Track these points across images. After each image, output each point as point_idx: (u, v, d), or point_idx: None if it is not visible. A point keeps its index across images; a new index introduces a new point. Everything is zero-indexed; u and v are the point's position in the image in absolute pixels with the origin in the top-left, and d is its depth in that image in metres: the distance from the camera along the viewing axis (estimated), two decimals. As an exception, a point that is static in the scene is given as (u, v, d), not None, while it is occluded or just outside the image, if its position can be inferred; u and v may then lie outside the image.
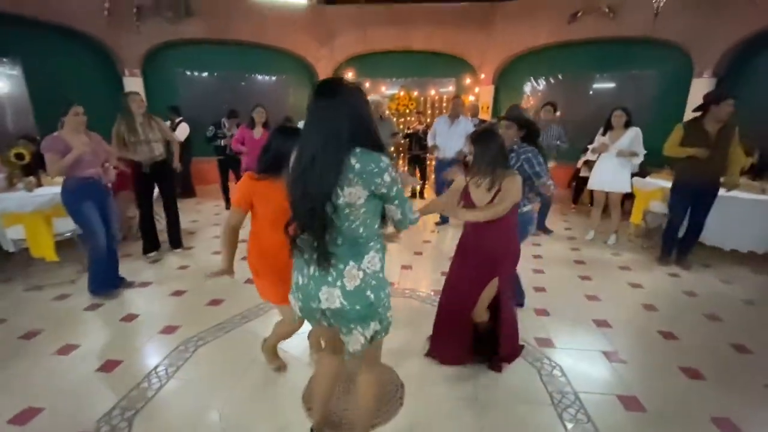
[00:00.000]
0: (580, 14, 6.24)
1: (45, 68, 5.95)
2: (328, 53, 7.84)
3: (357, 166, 1.14)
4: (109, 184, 3.03)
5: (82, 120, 2.74)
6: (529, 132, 2.49)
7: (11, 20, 5.48)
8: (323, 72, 7.90)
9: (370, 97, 4.30)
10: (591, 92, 6.94)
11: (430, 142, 4.89)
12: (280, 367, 2.18)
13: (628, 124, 3.99)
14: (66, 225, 3.29)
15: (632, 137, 3.94)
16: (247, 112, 4.73)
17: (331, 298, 1.25)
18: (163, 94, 7.07)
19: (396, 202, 1.26)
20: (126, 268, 3.47)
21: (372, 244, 1.27)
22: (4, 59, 5.70)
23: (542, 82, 7.42)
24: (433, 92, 7.81)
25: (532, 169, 2.37)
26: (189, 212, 5.67)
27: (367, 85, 7.88)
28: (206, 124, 5.98)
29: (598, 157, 4.25)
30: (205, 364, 2.26)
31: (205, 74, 7.59)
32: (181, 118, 6.29)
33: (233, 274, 1.87)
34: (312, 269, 1.26)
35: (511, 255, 2.10)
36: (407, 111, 7.66)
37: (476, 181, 2.00)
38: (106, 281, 3.00)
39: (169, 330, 2.61)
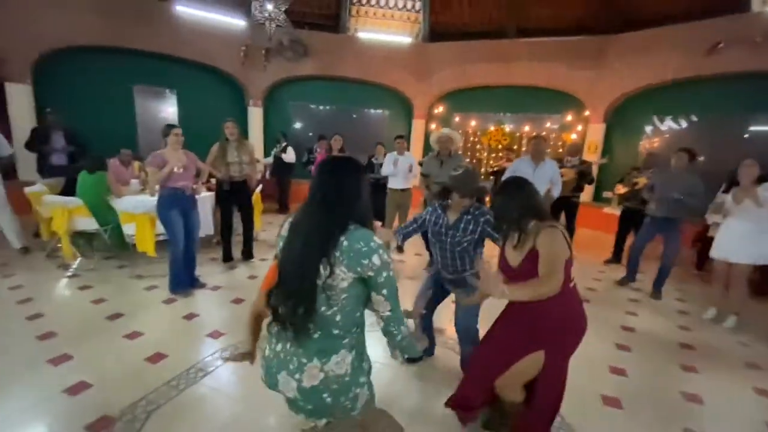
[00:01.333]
0: (721, 45, 5.25)
1: (192, 97, 7.37)
2: (425, 88, 8.04)
3: (345, 243, 1.08)
4: (197, 196, 3.49)
5: (180, 140, 3.22)
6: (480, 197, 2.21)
7: (173, 60, 6.96)
8: (420, 106, 8.11)
9: (442, 131, 4.19)
10: (746, 136, 5.71)
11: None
12: None
13: (762, 180, 3.10)
14: (167, 227, 3.87)
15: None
16: (361, 142, 5.00)
17: (286, 386, 1.15)
18: (277, 122, 8.09)
19: (384, 292, 1.12)
20: (206, 270, 3.91)
21: (346, 341, 1.16)
22: (167, 89, 7.25)
23: (670, 123, 6.36)
24: (527, 128, 7.32)
25: (493, 229, 2.05)
26: (275, 227, 6.21)
27: (457, 119, 7.81)
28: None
29: (723, 219, 3.38)
30: (232, 375, 2.35)
31: (313, 106, 8.46)
32: (286, 143, 7.05)
33: (253, 360, 1.56)
34: (279, 346, 1.18)
35: (568, 331, 1.66)
36: (499, 147, 7.31)
37: (511, 239, 1.71)
38: (182, 281, 3.41)
39: (215, 334, 2.81)
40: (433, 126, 7.81)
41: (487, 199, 2.31)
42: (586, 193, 6.68)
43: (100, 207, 3.91)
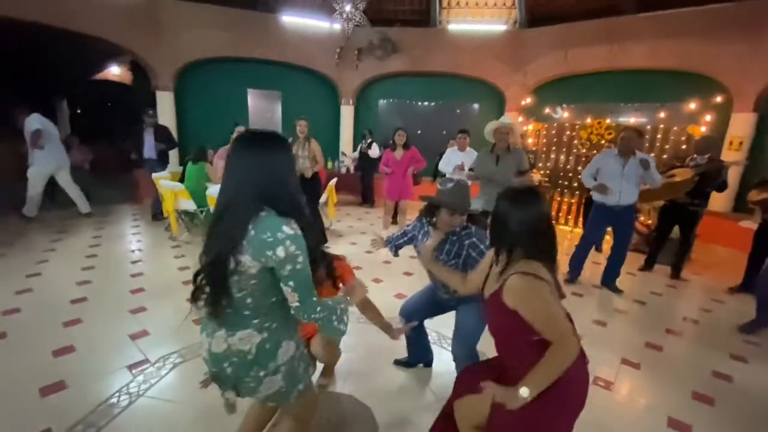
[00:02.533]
0: None
1: (294, 97, 8.21)
2: (521, 78, 7.41)
3: (252, 232, 1.04)
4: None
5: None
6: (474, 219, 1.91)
7: (279, 65, 7.84)
8: (513, 98, 7.52)
9: (502, 119, 3.75)
10: None
11: (587, 182, 3.84)
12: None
13: None
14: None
15: None
16: (439, 137, 5.00)
17: (203, 347, 1.21)
18: (366, 119, 8.45)
19: (291, 283, 1.07)
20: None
21: (256, 321, 1.15)
22: (274, 90, 8.21)
23: None
24: (633, 120, 6.09)
25: (480, 256, 1.74)
26: (352, 218, 6.52)
27: (565, 114, 6.97)
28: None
29: None
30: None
31: (400, 102, 8.58)
32: (371, 139, 7.31)
33: None
34: (203, 311, 1.19)
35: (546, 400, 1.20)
36: (603, 142, 6.28)
37: (500, 260, 1.37)
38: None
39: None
40: (520, 118, 7.15)
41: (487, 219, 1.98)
42: (721, 201, 5.32)
43: (199, 191, 4.68)
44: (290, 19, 7.49)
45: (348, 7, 5.93)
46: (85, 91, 11.68)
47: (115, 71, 10.98)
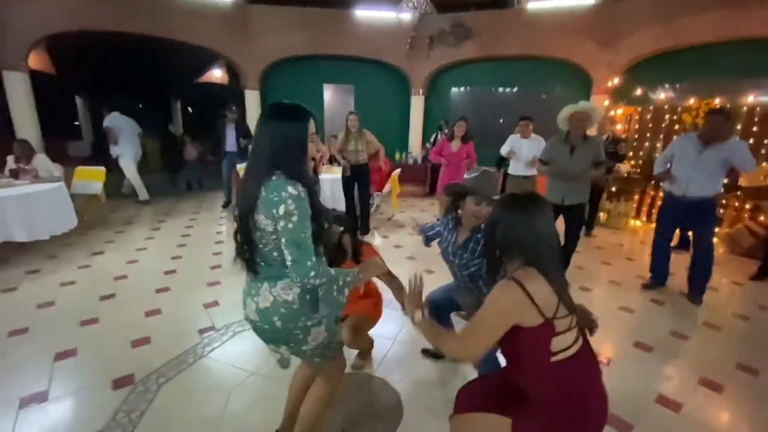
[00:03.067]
0: None
1: (366, 89, 8.43)
2: (611, 56, 6.59)
3: (263, 193, 1.15)
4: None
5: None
6: None
7: (352, 59, 8.09)
8: (600, 79, 6.74)
9: (580, 104, 3.39)
10: None
11: (656, 168, 3.34)
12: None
13: None
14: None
15: None
16: (513, 125, 4.81)
17: (249, 309, 1.30)
18: (438, 109, 8.33)
19: (283, 240, 1.14)
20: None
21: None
22: (347, 84, 8.52)
23: None
24: (751, 98, 4.97)
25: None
26: (416, 209, 6.54)
27: (662, 94, 6.06)
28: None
29: None
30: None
31: (475, 90, 8.25)
32: (447, 129, 7.08)
33: None
34: (246, 278, 1.33)
35: (551, 418, 1.14)
36: (712, 127, 5.30)
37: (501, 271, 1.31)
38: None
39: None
40: (606, 102, 6.36)
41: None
42: None
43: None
44: (362, 13, 7.66)
45: (415, -5, 5.87)
46: (193, 92, 13.41)
47: (217, 74, 12.41)
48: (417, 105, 8.34)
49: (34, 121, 6.14)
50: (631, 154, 6.11)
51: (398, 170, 5.78)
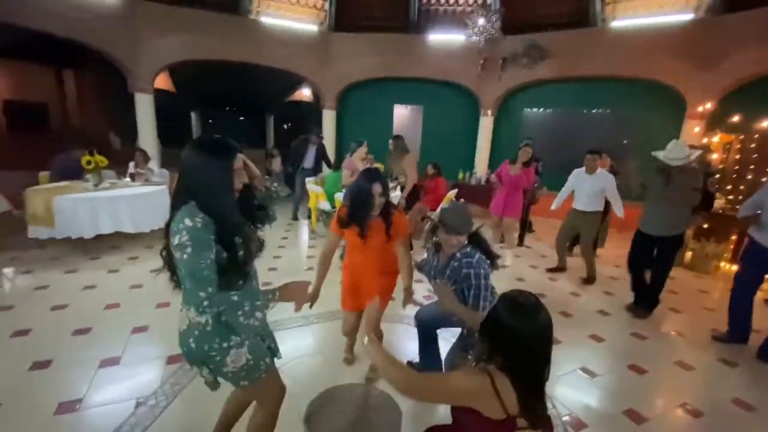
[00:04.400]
0: None
1: (435, 110, 8.62)
2: (708, 79, 5.85)
3: (171, 221, 1.19)
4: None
5: (363, 154, 4.21)
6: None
7: (421, 81, 8.35)
8: (695, 101, 6.00)
9: (671, 152, 3.13)
10: None
11: (742, 211, 2.90)
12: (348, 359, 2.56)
13: None
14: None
15: None
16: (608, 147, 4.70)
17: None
18: (508, 130, 8.15)
19: (181, 269, 1.18)
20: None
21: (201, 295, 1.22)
22: (417, 105, 8.79)
23: None
24: None
25: (472, 292, 1.76)
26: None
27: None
28: (546, 159, 6.16)
29: None
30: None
31: (548, 111, 7.91)
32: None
33: (312, 301, 1.98)
34: None
35: None
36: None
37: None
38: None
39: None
40: (696, 128, 5.62)
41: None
42: None
43: (333, 195, 5.53)
44: (434, 37, 7.89)
45: (481, 21, 5.91)
46: (285, 109, 14.91)
47: (306, 92, 13.68)
48: (486, 125, 8.26)
49: (153, 134, 7.45)
50: (729, 187, 5.35)
51: (455, 190, 5.81)
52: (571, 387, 2.43)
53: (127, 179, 5.31)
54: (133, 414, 2.00)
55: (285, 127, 17.41)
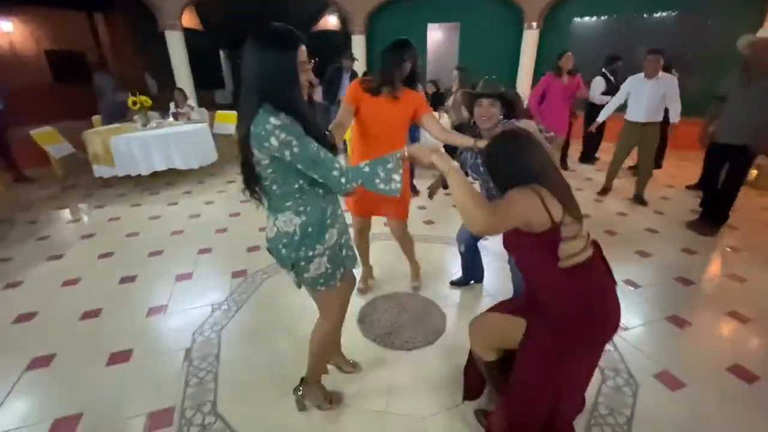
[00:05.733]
0: None
1: (472, 26, 7.92)
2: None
3: (252, 128, 1.12)
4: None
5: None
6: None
7: (459, -6, 7.58)
8: None
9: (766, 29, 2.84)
10: None
11: None
12: None
13: None
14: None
15: None
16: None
17: (267, 235, 1.37)
18: (555, 45, 7.38)
19: (299, 166, 1.16)
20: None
21: (288, 204, 1.26)
22: (453, 22, 8.10)
23: None
24: None
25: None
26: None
27: None
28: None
29: None
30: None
31: (598, 19, 7.03)
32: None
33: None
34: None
35: (565, 315, 1.22)
36: None
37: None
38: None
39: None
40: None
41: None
42: None
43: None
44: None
45: None
46: (311, 41, 14.29)
47: (332, 21, 12.92)
48: (530, 40, 7.51)
49: (188, 72, 7.49)
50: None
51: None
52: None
53: (171, 119, 5.51)
54: (210, 316, 2.31)
55: (313, 60, 16.85)
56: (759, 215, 3.83)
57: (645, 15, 6.65)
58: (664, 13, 6.50)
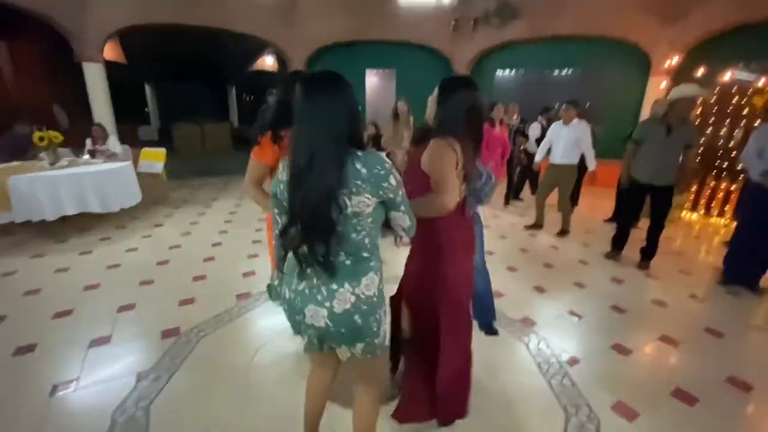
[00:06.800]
0: None
1: (407, 73, 8.45)
2: (675, 33, 6.03)
3: (363, 171, 1.03)
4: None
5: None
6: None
7: (393, 44, 8.12)
8: (660, 58, 6.21)
9: (689, 87, 3.28)
10: None
11: (752, 165, 3.03)
12: None
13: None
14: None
15: None
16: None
17: (316, 316, 1.14)
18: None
19: (402, 208, 1.16)
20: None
21: (373, 263, 1.16)
22: (386, 69, 8.57)
23: None
24: None
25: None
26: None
27: (728, 75, 5.47)
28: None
29: None
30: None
31: (520, 72, 7.94)
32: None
33: None
34: (302, 285, 1.15)
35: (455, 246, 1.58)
36: (786, 112, 4.73)
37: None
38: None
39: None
40: (663, 84, 5.85)
41: None
42: None
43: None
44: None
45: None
46: (247, 80, 14.14)
47: (268, 61, 12.97)
48: (459, 89, 8.18)
49: (108, 107, 6.88)
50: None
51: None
52: (562, 329, 2.58)
53: (86, 156, 4.93)
54: (135, 389, 1.94)
55: (248, 99, 16.61)
56: (664, 246, 4.36)
57: (554, 71, 7.65)
58: (569, 70, 7.54)
